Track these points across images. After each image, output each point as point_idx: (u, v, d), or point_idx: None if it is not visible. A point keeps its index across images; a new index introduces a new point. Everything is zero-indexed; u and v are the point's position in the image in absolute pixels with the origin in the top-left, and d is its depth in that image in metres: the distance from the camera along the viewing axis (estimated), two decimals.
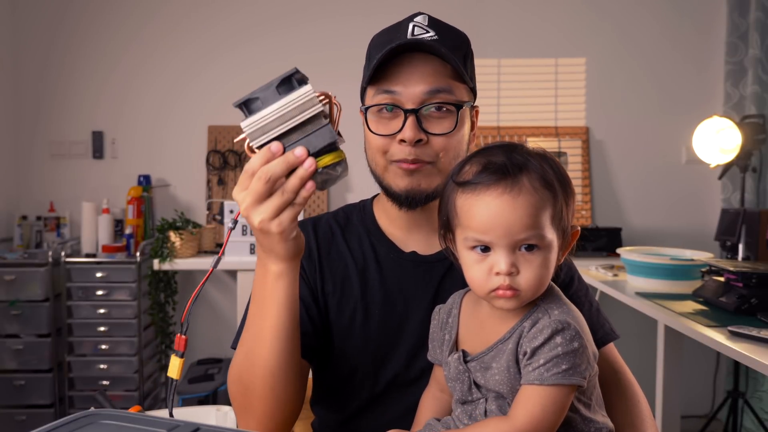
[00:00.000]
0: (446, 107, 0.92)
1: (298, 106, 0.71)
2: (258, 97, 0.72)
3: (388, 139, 0.93)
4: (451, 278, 0.97)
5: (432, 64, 0.92)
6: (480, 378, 0.77)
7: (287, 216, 0.73)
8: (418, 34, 0.93)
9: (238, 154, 3.19)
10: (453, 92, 0.93)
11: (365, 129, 0.97)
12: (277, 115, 0.71)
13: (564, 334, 0.71)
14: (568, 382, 0.70)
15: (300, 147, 0.71)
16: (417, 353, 0.95)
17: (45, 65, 3.22)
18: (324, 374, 1.01)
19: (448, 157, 0.93)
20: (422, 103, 0.91)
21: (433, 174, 0.93)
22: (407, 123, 0.91)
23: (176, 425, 0.58)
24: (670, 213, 3.23)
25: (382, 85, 0.93)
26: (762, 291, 1.71)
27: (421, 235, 1.01)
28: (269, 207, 0.72)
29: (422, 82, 0.91)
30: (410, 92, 0.91)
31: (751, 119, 2.80)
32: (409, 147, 0.91)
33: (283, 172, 0.71)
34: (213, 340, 3.17)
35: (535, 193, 0.72)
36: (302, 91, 0.71)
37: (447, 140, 0.92)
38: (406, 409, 0.94)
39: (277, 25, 3.21)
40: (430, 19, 0.96)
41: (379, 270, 0.99)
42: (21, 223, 3.12)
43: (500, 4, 3.23)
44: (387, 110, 0.93)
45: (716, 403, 3.07)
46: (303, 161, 0.71)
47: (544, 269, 0.73)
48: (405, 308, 0.97)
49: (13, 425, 2.74)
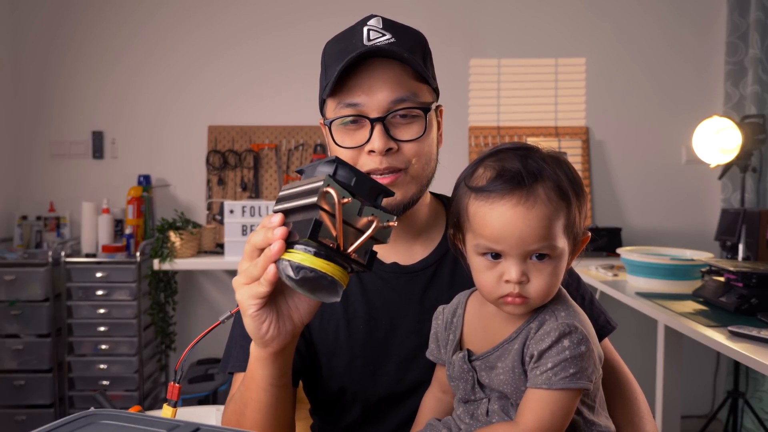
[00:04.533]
0: (410, 113, 0.89)
1: (306, 191, 0.68)
2: (304, 169, 0.73)
3: (356, 151, 0.89)
4: (435, 286, 0.95)
5: (393, 69, 0.89)
6: (485, 377, 0.77)
7: (248, 291, 0.71)
8: (374, 39, 0.89)
9: (238, 154, 3.19)
10: (418, 95, 0.90)
11: (330, 143, 0.93)
12: (291, 192, 0.71)
13: (571, 337, 0.71)
14: (575, 386, 0.70)
15: (283, 227, 0.68)
16: (408, 367, 0.93)
17: (45, 65, 3.22)
18: (315, 393, 0.99)
19: (421, 163, 0.91)
20: (387, 111, 0.88)
21: (406, 182, 0.90)
22: (375, 132, 0.87)
23: (176, 425, 0.58)
24: (670, 213, 3.23)
25: (344, 98, 0.89)
26: (762, 291, 1.71)
27: (400, 246, 0.98)
28: (242, 270, 0.72)
29: (385, 90, 0.88)
30: (374, 102, 0.88)
31: (751, 119, 2.79)
32: (380, 156, 0.88)
33: (263, 243, 0.70)
34: (213, 340, 3.15)
35: (550, 203, 0.71)
36: (317, 179, 0.67)
37: (418, 145, 0.90)
38: (400, 422, 0.94)
39: (277, 25, 3.21)
40: (384, 21, 0.92)
41: (361, 284, 0.96)
42: (21, 223, 3.12)
43: (500, 4, 3.23)
44: (351, 122, 0.90)
45: (716, 403, 3.07)
46: (272, 242, 0.68)
47: (555, 277, 0.73)
48: (390, 322, 0.94)
49: (13, 425, 2.74)
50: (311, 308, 0.76)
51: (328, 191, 0.64)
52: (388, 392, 0.94)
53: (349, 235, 0.67)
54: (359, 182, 0.68)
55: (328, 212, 0.65)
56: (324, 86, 0.93)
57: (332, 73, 0.89)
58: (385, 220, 0.68)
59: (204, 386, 2.67)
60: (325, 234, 0.65)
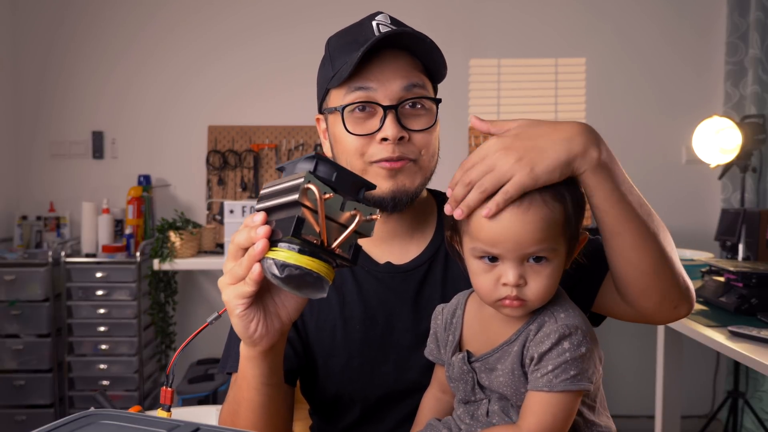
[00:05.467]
0: (420, 103, 0.90)
1: (287, 189, 0.67)
2: (284, 166, 0.73)
3: (365, 139, 0.89)
4: (429, 284, 0.95)
5: (404, 60, 0.89)
6: (484, 379, 0.77)
7: (234, 291, 0.71)
8: (384, 31, 0.90)
9: (238, 154, 3.19)
10: (425, 87, 0.91)
11: (334, 132, 0.93)
12: (272, 190, 0.70)
13: (571, 339, 0.71)
14: (576, 387, 0.70)
15: (266, 226, 0.68)
16: (405, 366, 0.93)
17: (45, 65, 3.22)
18: (313, 394, 0.99)
19: (428, 154, 0.92)
20: (400, 100, 0.88)
21: (414, 172, 0.91)
22: (387, 120, 0.87)
23: (176, 425, 0.58)
24: (670, 213, 3.22)
25: (355, 82, 0.88)
26: (762, 291, 1.71)
27: (395, 245, 0.98)
28: (227, 270, 0.72)
29: (398, 78, 0.88)
30: (387, 89, 0.88)
31: (751, 119, 2.79)
32: (392, 145, 0.88)
33: (246, 242, 0.70)
34: (213, 340, 3.15)
35: (546, 206, 0.70)
36: (298, 176, 0.67)
37: (427, 136, 0.90)
38: (399, 421, 0.94)
39: (277, 25, 3.21)
40: (392, 18, 0.93)
41: (356, 284, 0.96)
42: (21, 223, 3.12)
43: (500, 4, 3.23)
44: (360, 110, 0.89)
45: (716, 403, 3.07)
46: (256, 241, 0.68)
47: (552, 279, 0.73)
48: (386, 321, 0.94)
49: (13, 425, 2.74)
50: (298, 305, 0.76)
51: (310, 188, 0.64)
52: (386, 391, 0.94)
53: (332, 230, 0.67)
54: (340, 177, 0.68)
55: (311, 209, 0.65)
56: (331, 76, 0.92)
57: (341, 64, 0.90)
58: (367, 214, 0.68)
59: (204, 386, 2.67)
60: (309, 230, 0.65)
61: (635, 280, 0.78)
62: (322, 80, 0.97)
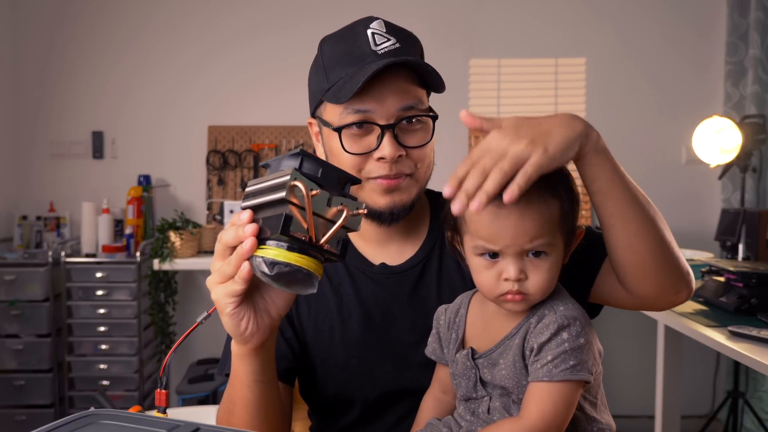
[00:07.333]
0: (417, 118, 0.90)
1: (273, 186, 0.67)
2: (270, 164, 0.73)
3: (362, 157, 0.89)
4: (424, 283, 0.96)
5: (402, 77, 0.89)
6: (487, 374, 0.78)
7: (223, 290, 0.71)
8: (381, 43, 0.89)
9: (238, 154, 3.19)
10: (422, 101, 0.91)
11: (330, 146, 0.92)
12: (259, 188, 0.70)
13: (570, 329, 0.73)
14: (576, 377, 0.71)
15: (253, 224, 0.68)
16: (403, 365, 0.94)
17: (45, 65, 3.22)
18: (312, 394, 0.99)
19: (424, 166, 0.92)
20: (396, 118, 0.88)
21: (411, 185, 0.91)
22: (385, 140, 0.87)
23: (176, 425, 0.58)
24: (670, 213, 3.18)
25: (353, 104, 0.87)
26: (762, 291, 1.71)
27: (391, 247, 0.98)
28: (215, 269, 0.72)
29: (395, 98, 0.88)
30: (384, 110, 0.87)
31: (751, 119, 2.79)
32: (389, 163, 0.88)
33: (234, 241, 0.70)
34: (213, 340, 3.16)
35: (543, 202, 0.73)
36: (283, 173, 0.67)
37: (423, 150, 0.91)
38: (399, 421, 0.94)
39: (277, 25, 3.21)
40: (386, 24, 0.92)
41: (353, 285, 0.97)
42: (21, 223, 3.12)
43: (500, 4, 3.22)
44: (357, 127, 0.88)
45: (716, 403, 3.07)
46: (243, 239, 0.68)
47: (552, 273, 0.75)
48: (383, 322, 0.95)
49: (13, 425, 2.74)
50: (287, 301, 0.77)
51: (296, 185, 0.65)
52: (385, 390, 0.95)
53: (319, 225, 0.67)
54: (326, 173, 0.69)
55: (298, 205, 0.65)
56: (326, 88, 0.91)
57: (335, 78, 0.89)
58: (354, 209, 0.69)
59: (204, 386, 2.67)
60: (296, 227, 0.66)
61: (637, 265, 0.78)
62: (315, 87, 0.96)
